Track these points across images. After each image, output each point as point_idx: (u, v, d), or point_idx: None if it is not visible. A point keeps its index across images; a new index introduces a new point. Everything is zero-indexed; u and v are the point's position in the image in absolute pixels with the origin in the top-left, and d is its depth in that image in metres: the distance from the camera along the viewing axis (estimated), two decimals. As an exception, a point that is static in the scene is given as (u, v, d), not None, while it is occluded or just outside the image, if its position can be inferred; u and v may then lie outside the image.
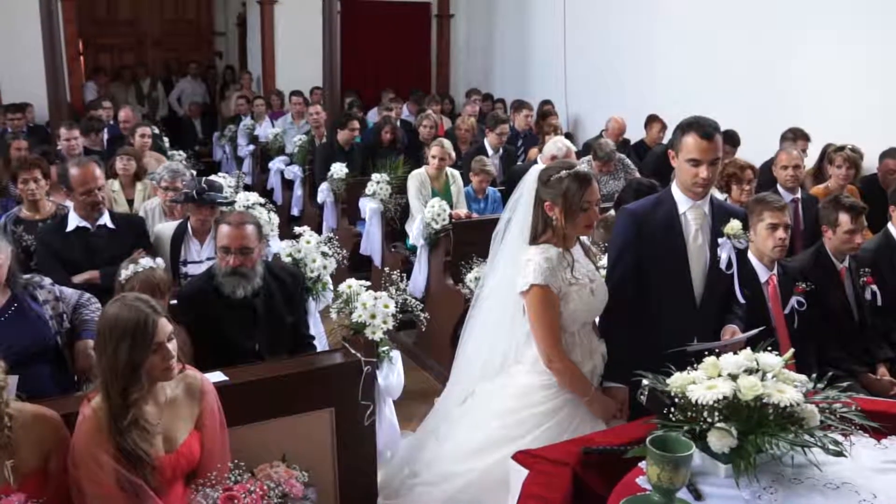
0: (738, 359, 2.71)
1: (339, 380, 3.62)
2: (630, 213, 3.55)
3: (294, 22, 13.08)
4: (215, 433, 3.05)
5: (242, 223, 3.93)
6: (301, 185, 9.53)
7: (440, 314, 5.76)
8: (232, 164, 11.79)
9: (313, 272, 4.68)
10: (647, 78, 9.92)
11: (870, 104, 7.25)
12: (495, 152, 8.28)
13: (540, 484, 2.64)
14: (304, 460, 3.31)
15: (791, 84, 8.02)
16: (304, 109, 10.81)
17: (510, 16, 12.88)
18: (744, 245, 3.50)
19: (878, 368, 4.56)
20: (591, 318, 3.49)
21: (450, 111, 12.34)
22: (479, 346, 3.62)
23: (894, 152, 6.67)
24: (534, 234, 3.39)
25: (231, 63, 16.39)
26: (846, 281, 4.68)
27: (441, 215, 6.22)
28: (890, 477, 2.65)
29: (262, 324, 3.98)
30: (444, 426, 3.67)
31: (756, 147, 7.55)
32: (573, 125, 11.31)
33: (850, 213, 4.54)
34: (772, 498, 2.52)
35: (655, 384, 2.75)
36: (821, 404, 2.71)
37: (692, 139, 3.34)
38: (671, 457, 2.30)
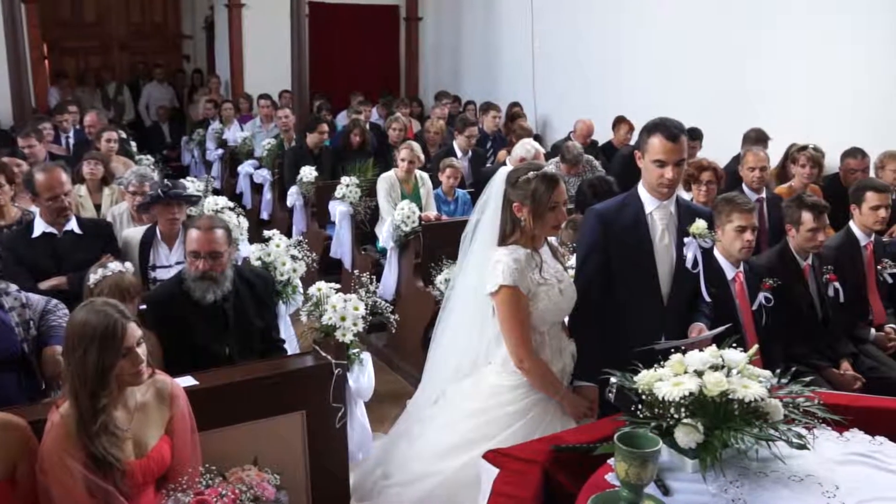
0: (703, 356, 2.74)
1: (309, 382, 3.62)
2: (597, 213, 3.58)
3: (262, 25, 13.03)
4: (186, 437, 3.05)
5: (212, 227, 3.91)
6: (270, 188, 9.51)
7: (411, 316, 5.79)
8: (201, 169, 11.72)
9: (283, 275, 4.69)
10: (614, 80, 10.00)
11: (832, 105, 7.38)
12: (464, 154, 8.31)
13: (510, 482, 2.66)
14: (275, 463, 3.31)
15: (755, 85, 8.13)
16: (273, 113, 10.78)
17: (478, 18, 12.93)
18: (709, 244, 3.55)
19: (842, 363, 4.63)
20: (561, 317, 3.52)
21: (419, 114, 12.35)
22: (450, 347, 3.64)
23: (855, 152, 6.78)
24: (502, 235, 3.42)
25: (199, 67, 16.28)
26: (810, 278, 4.75)
27: (411, 217, 6.24)
28: (852, 468, 2.71)
29: (233, 328, 3.97)
30: (416, 427, 3.68)
31: (720, 147, 7.64)
32: (541, 127, 11.38)
33: (813, 211, 4.61)
34: (738, 491, 2.56)
35: (623, 382, 2.79)
36: (784, 399, 2.76)
37: (658, 141, 3.39)
38: (638, 453, 2.33)
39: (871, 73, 7.11)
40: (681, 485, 2.61)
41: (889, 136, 6.79)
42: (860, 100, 7.18)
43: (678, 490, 2.58)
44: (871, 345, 4.95)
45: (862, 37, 7.16)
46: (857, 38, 7.19)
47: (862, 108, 7.17)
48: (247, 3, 13.34)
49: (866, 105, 7.14)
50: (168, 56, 16.95)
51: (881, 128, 6.93)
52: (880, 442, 2.89)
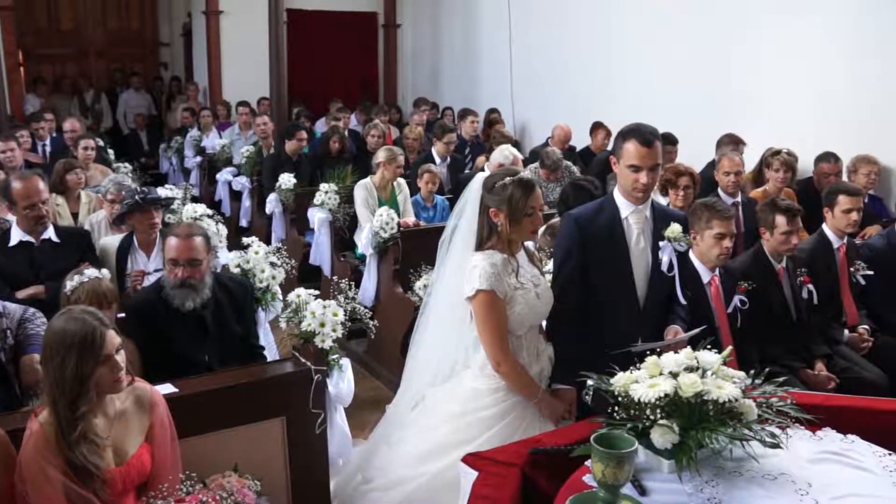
0: (678, 357, 2.79)
1: (289, 389, 3.63)
2: (574, 218, 3.62)
3: (240, 32, 13.00)
4: (166, 445, 3.04)
5: (190, 235, 3.92)
6: (249, 196, 9.50)
7: (390, 322, 5.80)
8: (179, 176, 11.69)
9: (262, 282, 4.69)
10: (592, 86, 10.06)
11: (805, 109, 7.46)
12: (443, 161, 8.34)
13: (489, 485, 2.69)
14: (256, 469, 3.31)
15: (730, 90, 8.20)
16: (252, 120, 10.77)
17: (456, 25, 12.97)
18: (684, 248, 3.59)
19: (816, 364, 4.68)
20: (538, 321, 3.55)
21: (397, 121, 12.37)
22: (429, 352, 3.66)
23: (828, 156, 6.88)
24: (479, 240, 3.45)
25: (177, 74, 16.22)
26: (784, 281, 4.81)
27: (389, 224, 6.26)
28: (824, 466, 2.76)
29: (212, 335, 3.97)
30: (395, 432, 3.70)
31: (696, 152, 7.71)
32: (520, 133, 11.42)
33: (786, 215, 4.67)
34: (713, 491, 2.60)
35: (600, 384, 2.82)
36: (758, 399, 2.80)
37: (632, 146, 3.44)
38: (614, 453, 2.37)
39: (843, 78, 7.19)
40: (657, 485, 2.65)
41: (861, 139, 6.88)
42: (832, 104, 7.27)
43: (655, 490, 2.62)
44: (844, 345, 5.01)
45: (833, 42, 7.25)
46: (829, 42, 7.28)
47: (834, 113, 7.25)
48: (225, 10, 13.30)
49: (838, 109, 7.22)
50: (145, 63, 16.89)
51: (853, 132, 7.01)
52: (852, 440, 2.95)
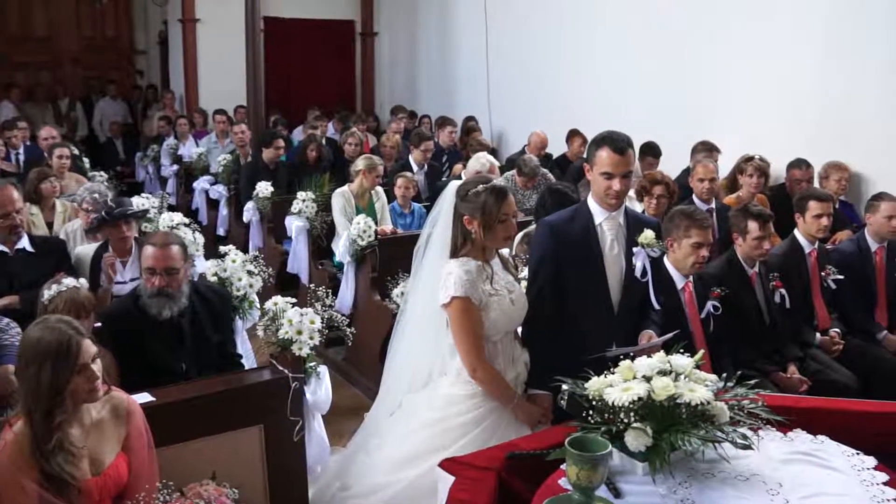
0: (651, 361, 2.82)
1: (267, 396, 3.63)
2: (548, 225, 3.66)
3: (217, 40, 12.97)
4: (143, 454, 3.04)
5: (167, 244, 3.92)
6: (226, 204, 9.48)
7: (368, 330, 5.82)
8: (156, 185, 11.65)
9: (239, 291, 4.69)
10: (569, 94, 10.12)
11: (777, 117, 7.56)
12: (420, 168, 8.37)
13: (466, 489, 2.71)
14: (234, 478, 3.31)
15: (703, 98, 8.30)
16: (229, 128, 10.76)
17: (433, 34, 13.01)
18: (657, 254, 3.64)
19: (789, 367, 4.75)
20: (513, 327, 3.58)
21: (375, 129, 12.39)
22: (406, 359, 3.67)
23: (800, 163, 6.97)
24: (454, 247, 3.48)
25: (153, 82, 16.16)
26: (757, 285, 4.87)
27: (367, 232, 6.28)
28: (795, 467, 2.81)
29: (189, 344, 3.97)
30: (373, 439, 3.71)
31: (671, 159, 7.80)
32: (497, 140, 11.47)
33: (758, 220, 4.73)
34: (687, 492, 2.64)
35: (574, 389, 2.86)
36: (730, 402, 2.85)
37: (605, 153, 3.48)
38: (588, 456, 2.40)
39: (814, 86, 7.29)
40: (631, 487, 2.68)
41: (832, 146, 6.97)
42: (804, 112, 7.36)
43: (629, 492, 2.65)
44: (816, 349, 5.08)
45: (804, 50, 7.35)
46: (800, 51, 7.37)
47: (805, 120, 7.35)
48: (201, 18, 13.28)
49: (810, 117, 7.32)
50: (121, 71, 16.79)
51: (824, 139, 7.11)
52: (822, 441, 3.00)
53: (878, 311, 5.57)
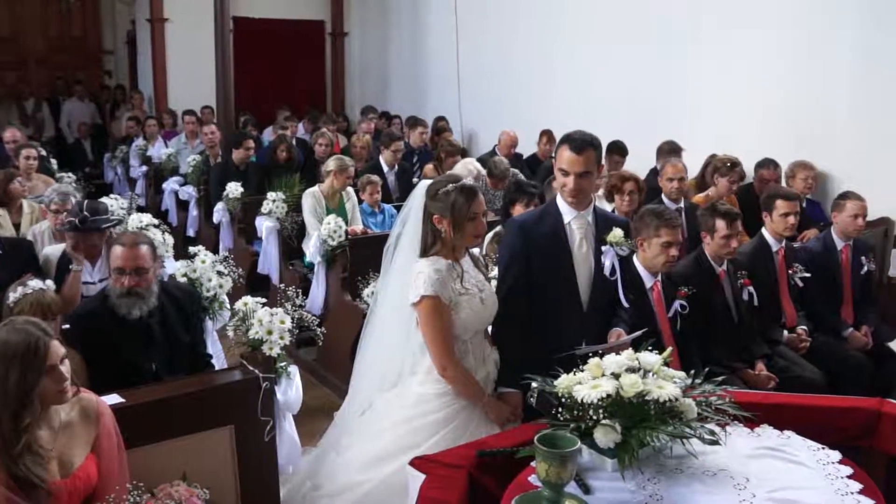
0: (620, 359, 2.85)
1: (237, 397, 3.62)
2: (518, 223, 3.69)
3: (186, 40, 12.89)
4: (113, 456, 3.02)
5: (136, 243, 3.89)
6: (196, 205, 9.42)
7: (339, 330, 5.80)
8: (124, 186, 11.54)
9: (209, 291, 4.67)
10: (539, 94, 10.18)
11: (746, 118, 7.65)
12: (391, 169, 8.36)
13: (437, 487, 2.72)
14: (205, 478, 3.29)
15: (673, 99, 8.38)
16: (198, 129, 10.69)
17: (404, 34, 13.01)
18: (626, 252, 3.67)
19: (757, 364, 4.79)
20: (483, 326, 3.59)
21: (345, 129, 12.37)
22: (376, 358, 3.68)
23: (767, 163, 7.06)
24: (424, 247, 3.48)
25: (121, 82, 16.02)
26: (725, 283, 4.92)
27: (337, 232, 6.27)
28: (762, 462, 2.85)
29: (159, 344, 3.94)
30: (344, 438, 3.71)
31: (641, 158, 7.86)
32: (467, 140, 11.50)
33: (726, 219, 4.77)
34: (655, 488, 2.67)
35: (544, 386, 2.88)
36: (698, 398, 2.88)
37: (564, 151, 3.54)
38: (556, 452, 2.41)
39: (781, 87, 7.39)
40: (601, 483, 2.70)
41: (799, 146, 7.07)
42: (771, 113, 7.46)
43: (599, 489, 2.67)
44: (783, 346, 5.14)
45: (771, 52, 7.45)
46: (767, 53, 7.48)
47: (773, 121, 7.45)
48: (170, 18, 13.19)
49: (777, 117, 7.42)
50: (89, 71, 16.63)
51: (791, 138, 7.21)
52: (788, 436, 3.05)
53: (843, 308, 5.65)
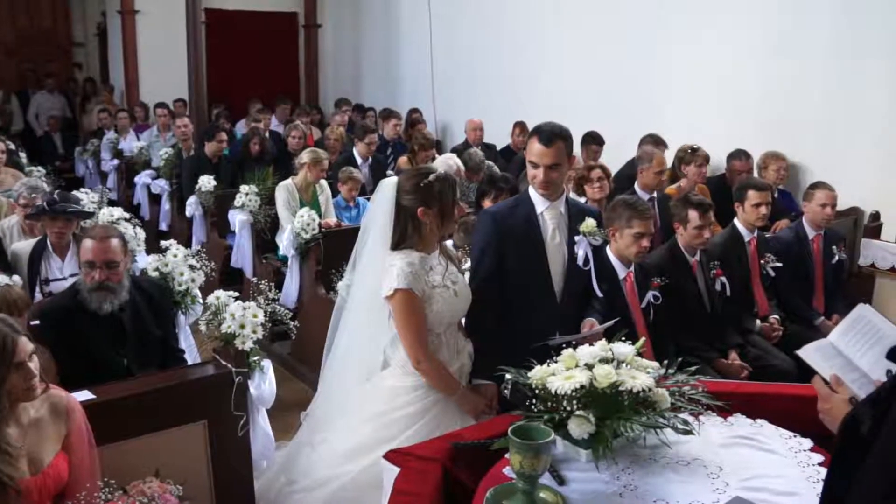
0: (593, 349, 2.85)
1: (210, 392, 3.60)
2: (490, 214, 3.69)
3: (157, 32, 12.79)
4: (84, 452, 2.99)
5: (106, 237, 3.85)
6: (169, 199, 9.35)
7: (313, 323, 5.76)
8: (96, 180, 11.43)
9: (181, 285, 4.63)
10: (513, 85, 10.19)
11: (718, 109, 7.70)
12: (364, 161, 8.33)
13: (411, 480, 2.71)
14: (178, 474, 3.27)
15: (645, 90, 8.42)
16: (170, 122, 10.59)
17: (378, 26, 12.97)
18: (599, 242, 3.68)
19: (730, 354, 4.85)
20: (456, 318, 3.58)
21: (318, 121, 12.31)
22: (349, 351, 3.65)
23: (739, 154, 7.12)
24: (396, 240, 3.46)
25: (91, 75, 15.84)
26: (698, 274, 4.95)
27: (311, 225, 6.24)
28: (735, 450, 2.87)
29: (131, 339, 3.91)
30: (317, 433, 3.69)
31: (616, 149, 7.88)
32: (441, 132, 11.49)
33: (699, 209, 4.81)
34: (630, 478, 2.68)
35: (517, 378, 2.88)
36: (671, 388, 2.89)
37: (534, 143, 3.55)
38: (530, 444, 2.41)
39: (753, 79, 7.44)
40: (575, 474, 2.70)
41: (770, 137, 7.13)
42: (743, 104, 7.51)
43: (573, 479, 2.68)
44: (756, 335, 5.21)
45: (743, 43, 7.50)
46: (739, 44, 7.52)
47: (745, 112, 7.50)
48: (140, 10, 13.07)
49: (749, 109, 7.47)
50: (59, 64, 16.42)
51: (763, 130, 7.27)
52: (760, 424, 3.07)
53: (815, 297, 5.72)
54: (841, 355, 2.09)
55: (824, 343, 2.15)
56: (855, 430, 1.69)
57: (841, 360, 2.07)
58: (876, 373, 1.95)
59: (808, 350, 2.15)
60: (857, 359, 2.06)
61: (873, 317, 2.08)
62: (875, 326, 2.06)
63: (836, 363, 2.08)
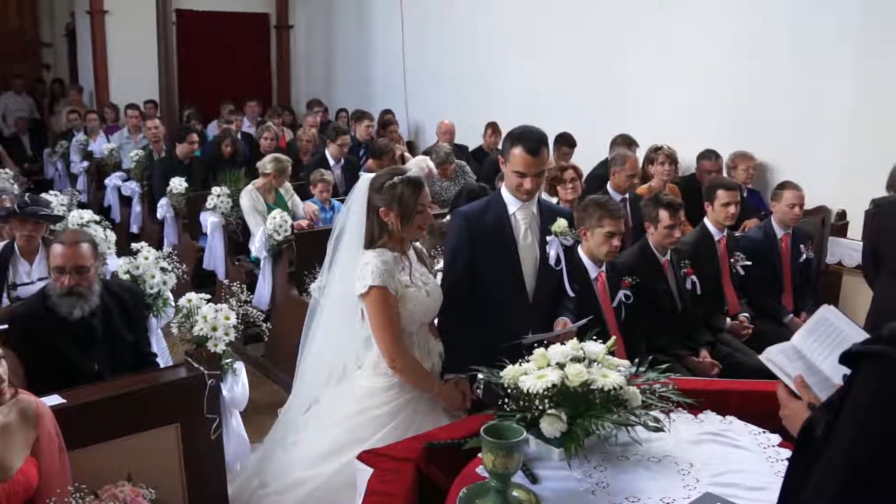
0: (565, 349, 2.87)
1: (183, 395, 3.58)
2: (462, 215, 3.70)
3: (127, 33, 12.66)
4: (54, 458, 2.97)
5: (76, 241, 3.81)
6: (140, 201, 9.27)
7: (287, 325, 5.76)
8: (65, 182, 11.30)
9: (153, 288, 4.60)
10: (485, 86, 10.20)
11: (688, 109, 7.75)
12: (336, 163, 8.32)
13: (385, 481, 2.72)
14: (151, 478, 3.27)
15: (615, 91, 8.46)
16: (141, 123, 10.51)
17: (350, 27, 12.94)
18: (570, 242, 3.70)
19: (701, 352, 4.90)
20: (428, 318, 3.59)
21: (291, 122, 12.26)
22: (321, 353, 3.65)
23: (709, 154, 7.18)
24: (369, 239, 3.47)
25: (60, 76, 15.67)
26: (669, 273, 5.00)
27: (283, 226, 6.23)
28: (705, 447, 2.90)
29: (101, 343, 3.88)
30: (290, 434, 3.68)
31: (587, 150, 7.92)
32: (414, 133, 11.49)
33: (669, 209, 4.85)
34: (602, 475, 2.70)
35: (490, 377, 2.89)
36: (642, 386, 2.92)
37: (520, 154, 3.51)
38: (502, 443, 2.43)
39: (722, 79, 7.50)
40: (548, 472, 2.72)
41: (740, 137, 7.19)
42: (712, 104, 7.57)
43: (546, 478, 2.70)
44: (726, 333, 5.26)
45: (712, 43, 7.55)
46: (708, 44, 7.58)
47: (714, 112, 7.55)
48: (110, 10, 12.93)
49: (718, 109, 7.52)
50: (27, 65, 16.21)
51: (733, 130, 7.32)
52: (730, 421, 3.11)
53: (784, 295, 5.79)
54: (803, 358, 2.11)
55: (787, 346, 2.17)
56: (810, 434, 1.70)
57: (803, 363, 2.09)
58: (837, 376, 1.96)
59: (771, 352, 2.17)
60: (819, 362, 2.08)
61: (836, 319, 2.08)
62: (837, 329, 2.06)
63: (798, 366, 2.10)
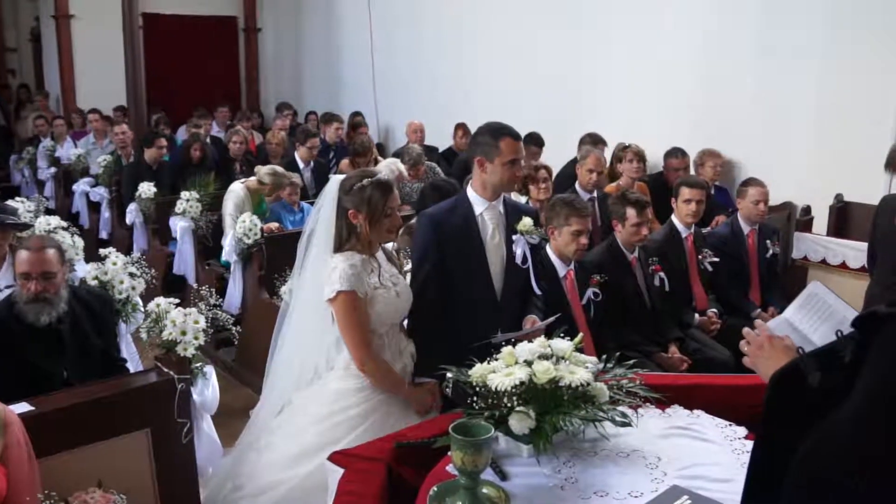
0: (532, 346, 2.90)
1: (153, 399, 3.57)
2: (429, 216, 3.72)
3: (93, 37, 12.58)
4: (22, 466, 2.94)
5: (43, 247, 3.78)
6: (108, 206, 9.21)
7: (258, 329, 5.75)
8: (33, 188, 11.21)
9: (121, 294, 4.58)
10: (454, 87, 10.25)
11: (656, 108, 7.83)
12: (306, 166, 8.32)
13: (355, 481, 2.72)
14: (122, 483, 3.24)
15: (584, 89, 8.54)
16: (105, 128, 10.46)
17: (318, 29, 12.93)
18: (536, 241, 3.74)
19: (670, 347, 4.95)
20: (398, 319, 3.61)
21: (260, 126, 12.23)
22: (292, 355, 3.65)
23: (676, 152, 7.26)
24: (338, 242, 3.47)
25: (26, 81, 15.51)
26: (637, 270, 5.05)
27: (253, 230, 6.22)
28: (672, 441, 2.94)
29: (70, 350, 3.85)
30: (263, 437, 3.67)
31: (554, 148, 7.98)
32: (384, 135, 11.50)
33: (636, 207, 4.90)
34: (571, 471, 2.73)
35: (459, 376, 2.91)
36: (609, 382, 2.95)
37: (509, 142, 3.59)
38: (470, 441, 2.45)
39: (690, 78, 7.59)
40: (518, 469, 2.74)
41: (707, 135, 7.28)
42: (680, 102, 7.66)
43: (515, 474, 2.72)
44: (695, 328, 5.32)
45: (680, 42, 7.64)
46: (677, 43, 7.66)
47: (682, 110, 7.64)
48: (75, 14, 12.85)
49: (686, 107, 7.62)
50: (-9, 70, 16.10)
51: (700, 128, 7.42)
52: (697, 415, 3.15)
53: (751, 291, 5.86)
54: (797, 331, 2.18)
55: (780, 319, 2.25)
56: (796, 380, 1.63)
57: (797, 335, 2.17)
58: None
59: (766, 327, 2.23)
60: (811, 333, 2.15)
61: (825, 294, 2.19)
62: (826, 303, 2.17)
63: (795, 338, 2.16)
